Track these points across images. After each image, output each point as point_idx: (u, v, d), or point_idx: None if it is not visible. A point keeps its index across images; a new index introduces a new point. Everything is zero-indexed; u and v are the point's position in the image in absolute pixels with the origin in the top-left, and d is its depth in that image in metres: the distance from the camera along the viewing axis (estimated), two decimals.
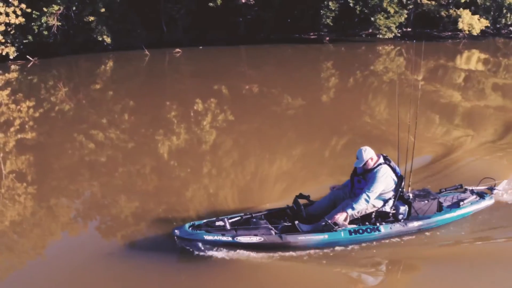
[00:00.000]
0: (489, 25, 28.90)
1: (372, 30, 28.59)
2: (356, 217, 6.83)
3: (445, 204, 7.44)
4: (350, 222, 6.82)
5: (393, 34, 27.41)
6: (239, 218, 6.95)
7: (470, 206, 7.47)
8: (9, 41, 24.48)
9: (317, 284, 6.26)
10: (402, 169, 7.29)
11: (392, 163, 6.93)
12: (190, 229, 6.55)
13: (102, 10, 26.37)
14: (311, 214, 7.00)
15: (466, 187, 7.88)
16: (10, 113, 15.56)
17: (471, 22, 27.12)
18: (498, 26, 31.25)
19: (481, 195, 7.72)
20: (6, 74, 22.94)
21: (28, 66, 24.91)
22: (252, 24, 29.86)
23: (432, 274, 6.46)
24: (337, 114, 14.31)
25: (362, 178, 6.92)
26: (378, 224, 6.86)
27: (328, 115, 14.25)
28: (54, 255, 7.14)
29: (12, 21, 23.98)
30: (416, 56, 24.93)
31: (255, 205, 8.02)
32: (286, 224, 6.85)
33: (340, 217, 6.67)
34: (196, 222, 6.75)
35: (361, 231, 6.74)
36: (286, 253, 6.56)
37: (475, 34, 28.25)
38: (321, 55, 26.73)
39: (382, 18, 26.85)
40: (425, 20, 29.47)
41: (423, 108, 13.54)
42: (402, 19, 27.44)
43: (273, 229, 6.64)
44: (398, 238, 6.97)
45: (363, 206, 6.73)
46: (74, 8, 26.35)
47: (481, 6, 28.87)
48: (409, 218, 7.06)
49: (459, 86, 18.59)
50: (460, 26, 27.52)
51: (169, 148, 11.64)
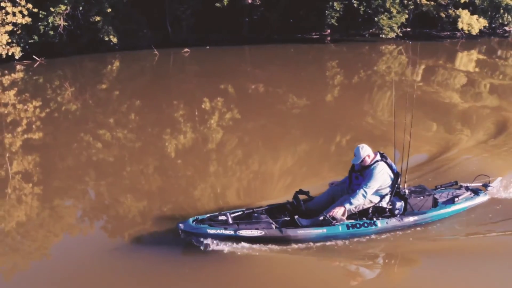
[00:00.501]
0: (487, 24, 29.29)
1: (375, 30, 28.86)
2: (353, 212, 7.07)
3: (440, 200, 7.65)
4: (348, 217, 7.05)
5: (395, 34, 27.82)
6: (241, 212, 7.19)
7: (465, 202, 7.71)
8: (14, 41, 24.43)
9: (316, 276, 6.49)
10: (398, 166, 7.50)
11: (388, 160, 7.18)
12: (194, 223, 6.80)
13: (109, 10, 26.41)
14: (311, 209, 7.24)
15: (461, 184, 8.10)
16: (16, 113, 15.65)
17: (470, 22, 27.59)
18: (494, 25, 31.62)
19: (475, 192, 7.95)
20: (12, 74, 22.99)
21: (34, 66, 24.90)
22: (255, 24, 30.08)
23: (428, 267, 6.71)
24: (340, 113, 14.45)
25: (360, 174, 7.17)
26: (375, 219, 7.10)
27: (331, 114, 14.40)
28: (60, 253, 7.27)
29: (18, 21, 23.94)
30: (414, 56, 25.30)
31: (257, 200, 8.23)
32: (286, 218, 7.11)
33: (338, 211, 6.91)
34: (199, 217, 6.98)
35: (358, 226, 6.99)
36: (286, 246, 6.79)
37: (474, 34, 28.65)
38: (325, 55, 26.95)
39: (385, 18, 27.28)
40: (424, 20, 29.77)
41: (420, 107, 13.70)
42: (403, 19, 27.83)
43: (273, 223, 6.89)
44: (395, 233, 7.17)
45: (361, 201, 6.98)
46: (80, 8, 26.36)
47: (479, 7, 29.21)
48: (405, 213, 7.29)
49: (456, 86, 18.75)
50: (460, 26, 27.91)
51: (176, 146, 11.80)
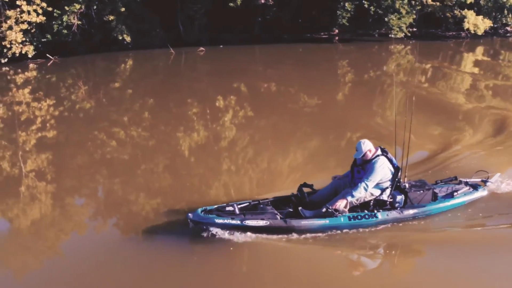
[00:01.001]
0: (492, 25, 29.58)
1: (384, 30, 29.18)
2: (355, 204, 7.36)
3: (440, 194, 7.90)
4: (350, 210, 7.34)
5: (403, 34, 28.22)
6: (247, 204, 7.52)
7: (464, 197, 7.96)
8: (27, 40, 24.65)
9: (318, 264, 6.76)
10: (400, 161, 7.78)
11: (389, 155, 7.47)
12: (203, 213, 7.12)
13: (122, 9, 26.68)
14: (314, 202, 7.54)
15: (460, 179, 8.35)
16: (30, 111, 15.85)
17: (476, 22, 27.95)
18: (496, 26, 31.87)
19: (474, 187, 8.20)
20: (26, 73, 23.22)
21: (48, 64, 25.11)
22: (266, 24, 30.37)
23: (426, 257, 7.02)
24: (349, 112, 14.59)
25: (361, 168, 7.46)
26: (375, 211, 7.38)
27: (340, 113, 14.58)
28: (72, 251, 7.37)
29: (33, 19, 24.16)
30: (420, 55, 25.55)
31: (264, 193, 8.48)
32: (290, 210, 7.43)
33: (340, 204, 7.21)
34: (208, 207, 7.31)
35: (359, 217, 7.27)
36: (290, 236, 7.07)
37: (480, 34, 28.96)
38: (335, 55, 27.22)
39: (394, 18, 27.71)
40: (428, 20, 30.07)
41: (424, 106, 13.96)
42: (411, 19, 28.24)
43: (278, 214, 7.20)
44: (395, 224, 7.44)
45: (362, 194, 7.27)
46: (94, 7, 26.65)
47: (483, 7, 29.48)
48: (405, 206, 7.56)
49: (460, 86, 18.90)
50: (466, 26, 28.30)
51: (188, 144, 11.99)
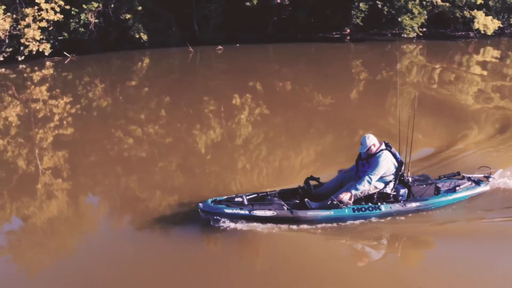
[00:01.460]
0: (501, 25, 29.77)
1: (397, 30, 29.43)
2: (359, 197, 7.61)
3: (442, 188, 8.13)
4: (355, 202, 7.59)
5: (415, 33, 28.52)
6: (256, 195, 7.81)
7: (466, 191, 8.17)
8: (44, 37, 24.87)
9: (322, 253, 7.05)
10: (404, 157, 8.04)
11: (392, 149, 7.72)
12: (212, 203, 7.43)
13: (139, 8, 26.91)
14: (320, 194, 7.81)
15: (463, 175, 8.55)
16: (48, 109, 16.05)
17: (486, 22, 28.21)
18: (503, 26, 31.96)
19: (477, 182, 8.39)
20: (43, 71, 23.45)
21: (65, 62, 25.33)
22: (279, 23, 30.62)
23: (428, 248, 7.29)
24: (362, 111, 14.66)
25: (366, 162, 7.72)
26: (379, 203, 7.64)
27: (353, 112, 14.64)
28: (85, 248, 7.46)
29: (50, 17, 24.41)
30: (431, 55, 25.72)
31: (276, 187, 8.67)
32: (297, 201, 7.71)
33: (345, 196, 7.47)
34: (218, 198, 7.62)
35: (363, 209, 7.54)
36: (296, 226, 7.37)
37: (490, 34, 29.15)
38: (348, 54, 27.32)
39: (407, 18, 28.03)
40: (437, 20, 30.27)
41: (430, 104, 14.28)
42: (423, 19, 28.52)
43: (285, 205, 7.48)
44: (398, 217, 7.69)
45: (366, 187, 7.53)
46: (112, 5, 26.87)
47: (492, 8, 29.65)
48: (408, 199, 7.80)
49: (467, 86, 18.89)
50: (476, 26, 28.53)
51: (204, 140, 12.14)
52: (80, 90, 19.49)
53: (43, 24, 24.49)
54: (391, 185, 7.71)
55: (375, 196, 7.68)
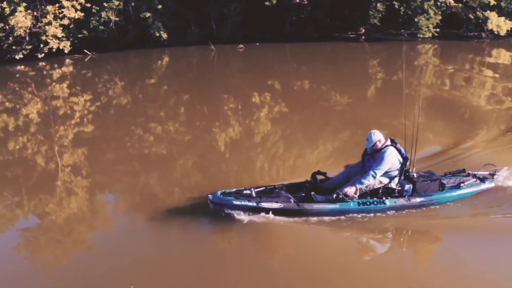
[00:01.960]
0: None
1: (413, 30, 29.55)
2: (365, 191, 7.79)
3: (447, 185, 8.27)
4: (360, 197, 7.78)
5: (431, 34, 28.72)
6: (264, 188, 8.05)
7: (471, 188, 8.30)
8: (64, 35, 25.21)
9: (327, 245, 7.25)
10: (410, 154, 8.16)
11: (398, 145, 7.91)
12: (222, 195, 7.69)
13: (159, 6, 27.15)
14: (327, 188, 8.02)
15: (469, 172, 8.65)
16: (68, 106, 16.29)
17: (499, 23, 28.35)
18: None
19: (482, 179, 8.51)
20: (62, 68, 23.79)
21: (85, 60, 25.62)
22: (296, 23, 30.80)
23: (433, 242, 7.45)
24: (377, 111, 14.73)
25: (371, 157, 7.91)
26: (384, 198, 7.82)
27: (370, 111, 14.72)
28: (104, 243, 7.58)
29: (71, 15, 24.71)
30: (446, 55, 25.72)
31: (288, 180, 8.84)
32: (303, 194, 7.94)
33: (350, 190, 7.68)
34: (227, 190, 7.87)
35: (368, 203, 7.73)
36: (302, 218, 7.58)
37: (502, 35, 29.25)
38: (365, 54, 27.38)
39: (423, 19, 28.26)
40: (450, 21, 30.34)
41: (439, 104, 14.36)
42: (438, 20, 28.74)
43: (292, 197, 7.72)
44: (403, 211, 7.86)
45: (371, 181, 7.73)
46: (132, 4, 27.16)
47: (504, 9, 29.73)
48: (413, 194, 7.95)
49: (480, 86, 18.85)
50: (489, 27, 28.65)
51: (223, 138, 12.35)
52: (99, 88, 19.71)
53: (65, 21, 24.77)
54: (396, 180, 7.89)
55: (380, 191, 7.85)
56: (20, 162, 11.25)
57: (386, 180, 7.84)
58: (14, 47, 24.75)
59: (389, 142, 7.87)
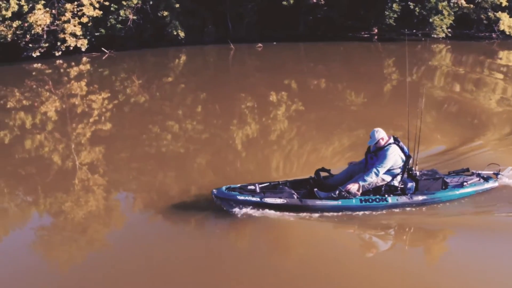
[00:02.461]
0: None
1: (428, 30, 29.62)
2: (367, 188, 7.89)
3: (450, 183, 8.32)
4: (363, 194, 7.87)
5: (444, 34, 28.92)
6: (268, 184, 8.21)
7: (474, 187, 8.34)
8: (82, 33, 25.36)
9: (330, 241, 7.37)
10: (414, 152, 8.21)
11: (400, 143, 8.00)
12: (226, 190, 7.85)
13: (177, 5, 27.36)
14: (330, 185, 8.13)
15: (473, 171, 8.68)
16: (85, 104, 16.46)
17: (510, 24, 28.50)
18: None
19: (485, 178, 8.53)
20: (80, 66, 24.01)
21: (103, 58, 25.84)
22: (310, 22, 30.88)
23: (435, 241, 7.49)
24: (392, 110, 14.59)
25: (374, 155, 8.01)
26: (386, 195, 7.91)
27: (385, 110, 14.74)
28: (118, 242, 7.64)
29: (89, 13, 24.94)
30: (459, 56, 25.68)
31: (294, 177, 8.90)
32: (306, 190, 8.07)
33: (353, 187, 7.79)
34: (232, 186, 8.02)
35: (370, 200, 7.82)
36: (305, 214, 7.71)
37: None
38: (381, 53, 27.36)
39: (438, 19, 28.48)
40: (460, 21, 30.38)
41: (445, 104, 14.40)
42: (451, 20, 28.92)
43: (295, 193, 7.85)
44: (406, 209, 7.93)
45: (373, 179, 7.82)
46: (151, 2, 27.38)
47: None
48: (415, 193, 8.02)
49: (491, 87, 18.72)
50: (501, 27, 28.73)
51: (241, 136, 12.41)
52: (117, 86, 19.89)
53: (85, 19, 24.96)
54: (399, 178, 7.97)
55: (383, 188, 7.95)
56: (36, 160, 11.40)
57: (388, 177, 7.93)
58: (30, 45, 24.88)
59: (392, 140, 7.97)
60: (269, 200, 7.69)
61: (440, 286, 6.23)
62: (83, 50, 25.65)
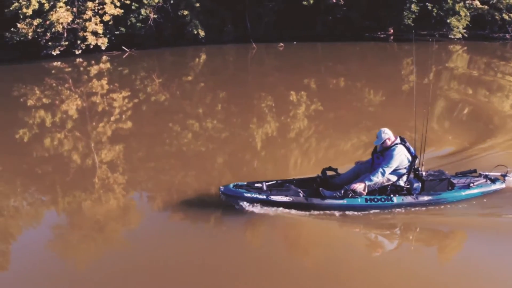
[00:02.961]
0: None
1: (445, 31, 29.61)
2: (373, 188, 7.97)
3: (457, 184, 8.35)
4: (368, 194, 7.96)
5: (460, 35, 28.98)
6: (275, 182, 8.34)
7: (480, 188, 8.35)
8: (102, 32, 25.43)
9: (335, 239, 7.49)
10: (423, 152, 8.29)
11: (407, 144, 8.08)
12: (234, 188, 8.01)
13: (197, 5, 27.48)
14: (337, 184, 8.25)
15: (480, 172, 8.67)
16: (106, 103, 16.60)
17: None
18: None
19: (492, 180, 8.55)
20: (100, 65, 24.17)
21: (123, 57, 26.01)
22: (328, 22, 30.90)
23: (441, 240, 7.56)
24: (407, 111, 14.65)
25: (381, 155, 8.09)
26: (391, 195, 7.99)
27: (401, 112, 14.52)
28: (135, 241, 7.62)
29: (110, 12, 25.05)
30: (475, 56, 25.65)
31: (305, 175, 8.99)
32: (313, 189, 8.17)
33: (358, 186, 7.88)
34: (239, 183, 8.18)
35: (375, 200, 7.92)
36: (311, 212, 7.83)
37: None
38: (397, 54, 27.32)
39: (455, 20, 28.58)
40: (474, 22, 30.37)
41: (458, 106, 14.42)
42: (467, 21, 29.02)
43: (301, 192, 7.97)
44: (412, 209, 8.00)
45: (379, 178, 7.91)
46: (171, 1, 27.52)
47: None
48: (421, 193, 8.08)
49: (504, 89, 18.63)
50: None
51: (260, 135, 12.47)
52: (137, 84, 19.98)
53: (107, 18, 25.08)
54: (404, 178, 8.05)
55: (389, 188, 8.02)
56: (56, 158, 11.49)
57: (394, 177, 8.01)
58: (50, 43, 24.85)
59: (398, 140, 8.05)
60: (275, 198, 7.83)
61: (445, 286, 6.29)
62: (103, 48, 25.72)
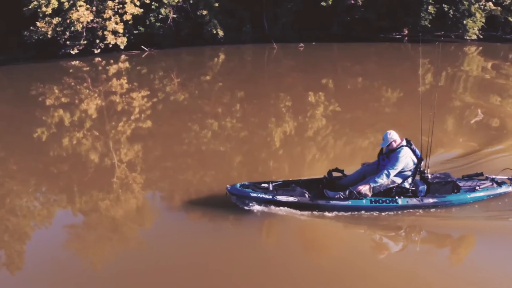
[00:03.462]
0: None
1: (461, 32, 29.73)
2: (378, 190, 8.04)
3: (463, 187, 8.35)
4: (374, 196, 8.03)
5: (476, 36, 29.22)
6: (281, 182, 8.46)
7: (486, 191, 8.37)
8: (121, 31, 25.42)
9: (339, 240, 7.60)
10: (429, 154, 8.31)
11: (413, 146, 8.13)
12: (240, 187, 8.15)
13: (216, 5, 27.52)
14: (343, 185, 8.34)
15: (487, 175, 8.69)
16: (125, 102, 16.73)
17: None
18: None
19: (499, 183, 8.55)
20: (119, 64, 24.30)
21: (142, 56, 26.11)
22: (344, 23, 30.94)
23: (446, 243, 7.61)
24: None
25: (386, 157, 8.17)
26: (396, 197, 8.06)
27: (412, 114, 14.49)
28: (150, 241, 7.69)
29: (130, 11, 25.09)
30: (489, 57, 25.55)
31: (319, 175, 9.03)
32: (318, 190, 8.27)
33: (363, 188, 7.96)
34: (246, 183, 8.32)
35: (380, 201, 7.99)
36: (316, 213, 7.95)
37: None
38: (413, 55, 26.98)
39: (470, 21, 28.79)
40: (487, 24, 30.33)
41: (468, 109, 14.36)
42: (482, 23, 29.22)
43: (307, 192, 8.08)
44: (417, 211, 8.05)
45: (384, 180, 7.98)
46: (191, 1, 27.58)
47: None
48: (426, 195, 8.13)
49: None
50: None
51: (279, 134, 12.56)
52: (156, 84, 20.09)
53: (127, 17, 25.15)
54: (410, 180, 8.11)
55: (394, 190, 8.09)
56: (74, 158, 11.61)
57: (399, 179, 8.07)
58: (68, 42, 24.89)
59: (404, 143, 8.11)
60: (281, 198, 7.95)
61: None
62: (122, 48, 25.79)
